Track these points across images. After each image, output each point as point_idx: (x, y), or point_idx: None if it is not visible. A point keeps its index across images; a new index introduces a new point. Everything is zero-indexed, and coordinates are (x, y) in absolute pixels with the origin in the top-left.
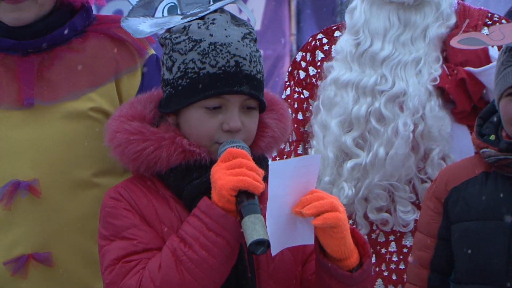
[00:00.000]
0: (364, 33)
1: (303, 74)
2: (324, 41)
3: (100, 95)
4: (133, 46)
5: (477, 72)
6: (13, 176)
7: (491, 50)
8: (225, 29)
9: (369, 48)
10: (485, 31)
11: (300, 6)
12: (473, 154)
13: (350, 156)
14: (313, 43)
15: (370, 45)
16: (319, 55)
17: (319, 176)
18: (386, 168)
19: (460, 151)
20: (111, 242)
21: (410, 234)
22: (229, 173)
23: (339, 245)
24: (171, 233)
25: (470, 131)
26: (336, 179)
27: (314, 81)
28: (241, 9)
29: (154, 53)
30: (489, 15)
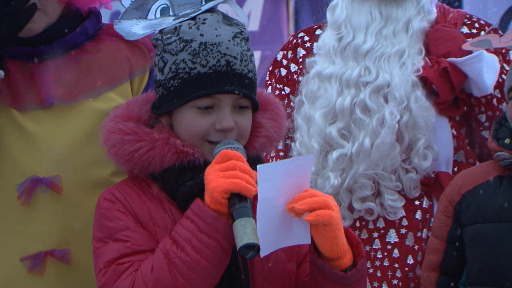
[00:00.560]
0: (346, 27)
1: (284, 71)
2: (305, 38)
3: (118, 94)
4: (145, 46)
5: (459, 62)
6: (33, 173)
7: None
8: (216, 29)
9: (352, 41)
10: (463, 30)
11: (298, 6)
12: (451, 147)
13: (334, 147)
14: (294, 41)
15: (352, 39)
16: (300, 52)
17: None
18: (372, 157)
19: (440, 143)
20: (105, 244)
21: (393, 230)
22: (222, 175)
23: (331, 244)
24: (165, 235)
25: (450, 123)
26: (320, 170)
27: (295, 77)
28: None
29: None
30: (468, 15)
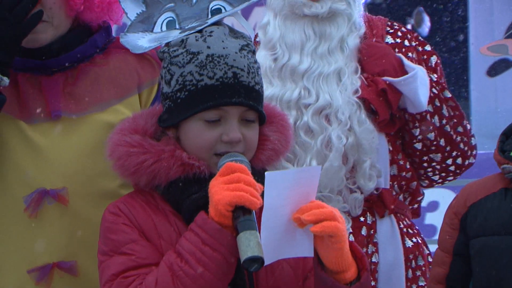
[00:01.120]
0: (281, 47)
1: None
2: None
3: (126, 107)
4: (154, 59)
5: (396, 82)
6: (40, 185)
7: (405, 60)
8: (223, 41)
9: (288, 61)
10: (388, 40)
11: None
12: (388, 161)
13: (277, 169)
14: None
15: (288, 59)
16: None
17: None
18: (320, 180)
19: (379, 159)
20: (110, 257)
21: None
22: (226, 187)
23: (336, 256)
24: (170, 248)
25: (387, 138)
26: None
27: None
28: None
29: None
30: (389, 23)
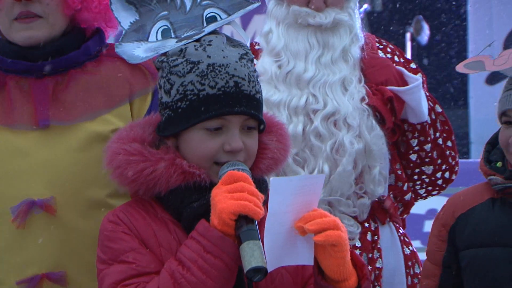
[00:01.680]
0: (285, 54)
1: None
2: None
3: (116, 116)
4: (147, 68)
5: (402, 91)
6: (28, 195)
7: (406, 71)
8: (222, 50)
9: (293, 69)
10: (380, 54)
11: None
12: (388, 171)
13: (287, 173)
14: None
15: (293, 67)
16: None
17: None
18: (332, 184)
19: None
20: (109, 266)
21: None
22: (230, 196)
23: (338, 265)
24: (169, 256)
25: (387, 147)
26: None
27: None
28: (236, 30)
29: None
30: (377, 39)
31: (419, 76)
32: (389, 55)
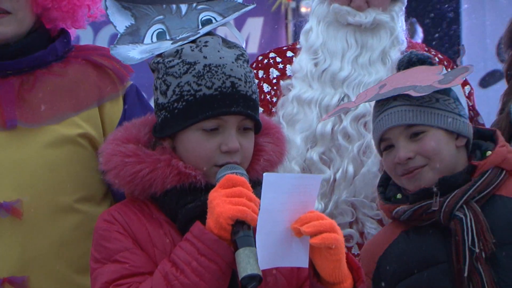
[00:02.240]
0: (323, 53)
1: None
2: (278, 59)
3: (84, 120)
4: (114, 73)
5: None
6: None
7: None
8: (218, 51)
9: (329, 67)
10: None
11: (297, 28)
12: None
13: (313, 171)
14: (265, 61)
15: (329, 65)
16: (274, 72)
17: None
18: (356, 185)
19: None
20: (103, 265)
21: None
22: (228, 201)
23: (334, 268)
24: (163, 257)
25: None
26: None
27: (268, 97)
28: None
29: (131, 82)
30: (426, 48)
31: (468, 88)
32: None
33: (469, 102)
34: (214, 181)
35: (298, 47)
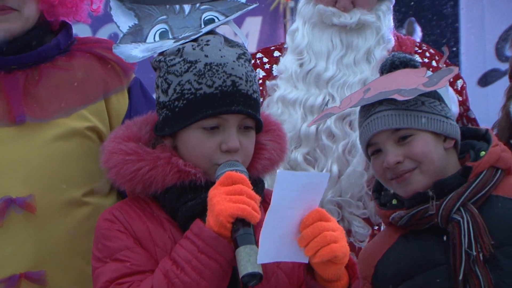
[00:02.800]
0: (308, 53)
1: None
2: (264, 60)
3: (92, 113)
4: (119, 65)
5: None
6: (5, 193)
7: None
8: (220, 50)
9: (314, 68)
10: (416, 59)
11: None
12: None
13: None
14: (252, 61)
15: (314, 66)
16: (260, 73)
17: None
18: (342, 184)
19: None
20: (104, 264)
21: (353, 254)
22: (228, 199)
23: (335, 269)
24: (164, 255)
25: None
26: None
27: None
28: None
29: (135, 75)
30: (417, 43)
31: (460, 82)
32: (426, 60)
33: (459, 97)
34: (214, 179)
35: (285, 46)
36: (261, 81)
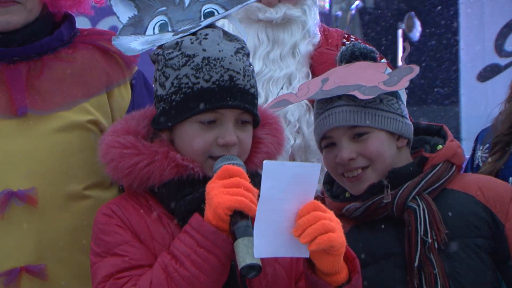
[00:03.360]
0: None
1: None
2: None
3: (93, 106)
4: (122, 58)
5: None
6: (7, 186)
7: None
8: (218, 44)
9: None
10: None
11: None
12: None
13: None
14: None
15: None
16: None
17: None
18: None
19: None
20: (102, 258)
21: None
22: (226, 191)
23: (333, 261)
24: (163, 250)
25: None
26: None
27: None
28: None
29: (138, 68)
30: (346, 35)
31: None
32: None
33: None
34: (211, 173)
35: None
36: None
